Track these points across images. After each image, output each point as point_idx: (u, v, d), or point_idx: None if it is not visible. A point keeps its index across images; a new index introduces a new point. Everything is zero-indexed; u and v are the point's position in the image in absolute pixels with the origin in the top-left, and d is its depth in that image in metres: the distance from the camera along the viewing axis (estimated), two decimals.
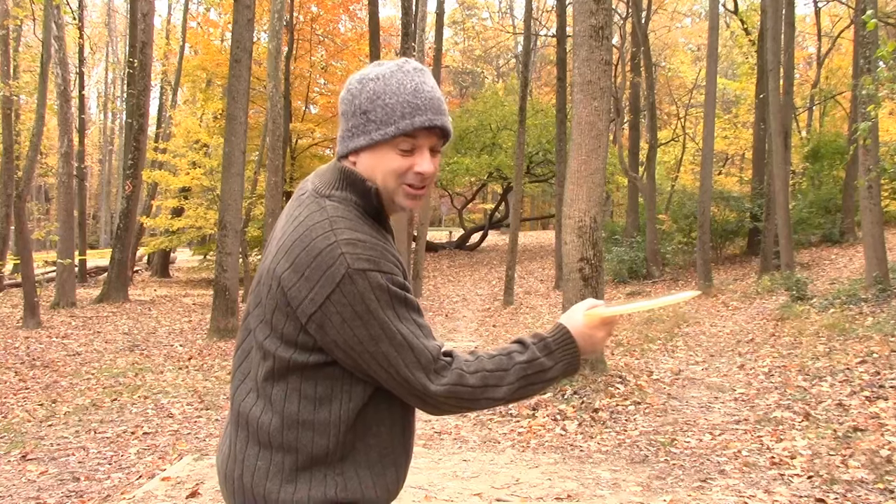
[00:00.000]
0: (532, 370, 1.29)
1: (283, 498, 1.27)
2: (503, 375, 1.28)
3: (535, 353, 1.30)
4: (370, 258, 1.22)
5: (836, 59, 23.45)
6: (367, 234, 1.26)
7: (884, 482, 3.73)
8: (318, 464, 1.27)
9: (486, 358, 1.30)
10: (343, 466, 1.28)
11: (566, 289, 6.40)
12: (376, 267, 1.22)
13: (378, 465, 1.31)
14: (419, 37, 15.83)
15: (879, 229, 9.38)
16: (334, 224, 1.25)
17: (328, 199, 1.31)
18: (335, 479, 1.28)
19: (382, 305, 1.22)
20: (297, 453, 1.27)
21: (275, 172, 13.41)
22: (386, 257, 1.24)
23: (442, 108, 1.32)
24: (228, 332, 10.75)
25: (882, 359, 6.23)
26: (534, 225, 34.67)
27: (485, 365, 1.28)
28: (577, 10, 6.43)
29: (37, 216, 33.06)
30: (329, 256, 1.21)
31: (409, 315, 1.25)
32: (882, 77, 7.48)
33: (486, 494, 3.87)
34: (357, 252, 1.21)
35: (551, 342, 1.32)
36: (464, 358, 1.29)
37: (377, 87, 1.29)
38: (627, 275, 15.62)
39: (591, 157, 6.25)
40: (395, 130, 1.27)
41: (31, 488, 4.40)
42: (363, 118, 1.30)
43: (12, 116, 14.00)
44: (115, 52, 38.62)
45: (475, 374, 1.27)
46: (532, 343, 1.32)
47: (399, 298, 1.24)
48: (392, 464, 1.34)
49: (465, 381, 1.26)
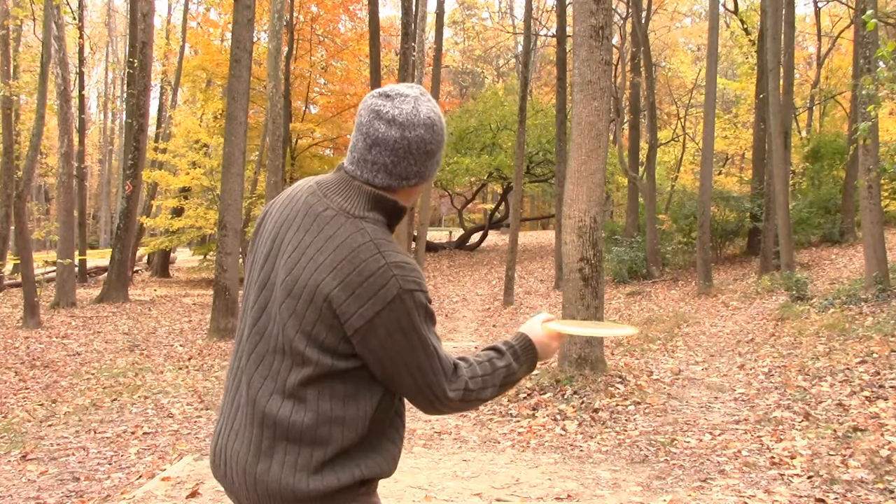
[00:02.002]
0: (509, 373, 1.53)
1: (313, 486, 1.39)
2: (489, 379, 1.50)
3: (510, 360, 1.54)
4: (416, 280, 1.38)
5: (836, 59, 23.46)
6: (405, 254, 1.43)
7: (884, 482, 3.73)
8: (345, 453, 1.42)
9: (476, 364, 1.51)
10: (365, 451, 1.45)
11: (566, 289, 6.40)
12: (420, 288, 1.39)
13: (388, 444, 1.49)
14: (419, 37, 15.83)
15: (879, 229, 9.38)
16: (380, 247, 1.38)
17: (363, 220, 1.41)
18: (359, 462, 1.44)
19: (423, 321, 1.39)
20: (328, 446, 1.40)
21: (275, 172, 13.40)
22: (422, 276, 1.42)
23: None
24: (228, 332, 10.75)
25: (882, 359, 6.23)
26: (534, 225, 34.66)
27: (477, 371, 1.49)
28: (577, 10, 6.43)
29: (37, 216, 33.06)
30: (382, 278, 1.35)
31: (433, 328, 1.44)
32: (882, 77, 7.47)
33: (486, 494, 3.87)
34: (405, 274, 1.36)
35: (519, 349, 1.56)
36: (464, 365, 1.49)
37: (443, 133, 1.48)
38: (627, 275, 15.62)
39: (591, 157, 6.25)
40: (436, 170, 1.52)
41: (31, 488, 4.40)
42: (431, 161, 1.46)
43: (12, 116, 14.02)
44: (115, 52, 38.60)
45: (474, 380, 1.48)
46: (506, 350, 1.55)
47: (430, 314, 1.42)
48: (393, 441, 1.51)
49: (468, 386, 1.47)
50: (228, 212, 10.88)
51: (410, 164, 1.43)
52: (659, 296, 13.76)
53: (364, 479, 1.45)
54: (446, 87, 35.37)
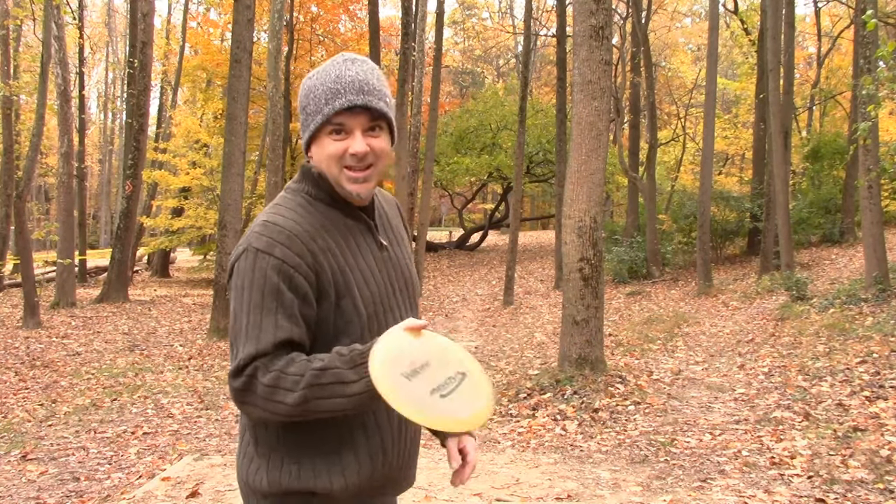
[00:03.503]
0: (327, 379, 1.21)
1: (254, 481, 1.35)
2: (297, 381, 1.21)
3: (335, 363, 1.23)
4: (269, 241, 1.27)
5: (836, 59, 23.45)
6: (292, 218, 1.32)
7: (884, 482, 3.72)
8: (273, 449, 1.33)
9: (298, 362, 1.25)
10: (299, 454, 1.31)
11: (566, 289, 6.40)
12: (268, 250, 1.27)
13: (335, 455, 1.31)
14: (419, 37, 15.84)
15: (879, 229, 9.38)
16: (269, 210, 1.36)
17: (285, 191, 1.42)
18: (290, 466, 1.31)
19: (253, 286, 1.26)
20: (257, 437, 1.35)
21: (275, 172, 13.39)
22: (290, 243, 1.28)
23: (365, 88, 1.33)
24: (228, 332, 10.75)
25: (882, 359, 6.23)
26: (534, 225, 34.64)
27: (286, 368, 1.23)
28: (577, 10, 6.43)
29: (37, 216, 33.05)
30: (247, 235, 1.32)
31: (270, 305, 1.25)
32: (882, 77, 7.47)
33: (486, 494, 3.87)
34: (262, 233, 1.29)
35: (357, 356, 1.23)
36: (283, 359, 1.25)
37: (309, 84, 1.37)
38: (627, 275, 15.62)
39: (591, 157, 6.25)
40: (321, 118, 1.33)
41: (31, 488, 4.40)
42: (304, 114, 1.38)
43: (12, 116, 14.00)
44: (115, 52, 38.58)
45: (271, 373, 1.22)
46: (339, 353, 1.25)
47: (271, 286, 1.25)
48: (355, 448, 1.32)
49: (259, 377, 1.23)
50: (228, 212, 10.88)
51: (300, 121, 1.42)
52: (659, 296, 13.76)
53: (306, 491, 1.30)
54: (446, 87, 35.36)
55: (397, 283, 1.45)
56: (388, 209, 1.57)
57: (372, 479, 1.35)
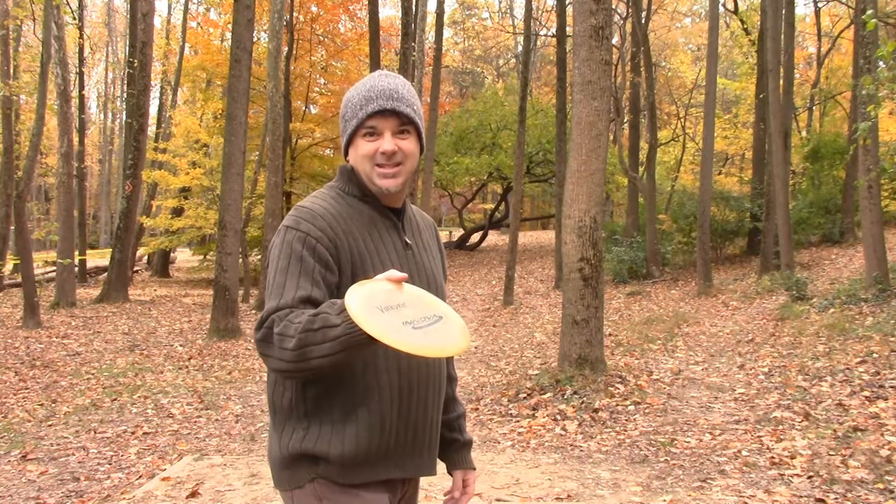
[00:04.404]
0: (317, 324, 1.29)
1: (272, 448, 1.52)
2: (297, 327, 1.31)
3: (325, 309, 1.31)
4: (297, 219, 1.46)
5: (836, 59, 23.45)
6: (321, 205, 1.51)
7: (884, 482, 3.72)
8: (289, 418, 1.48)
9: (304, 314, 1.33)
10: (308, 421, 1.46)
11: (566, 289, 6.40)
12: (295, 225, 1.45)
13: (340, 423, 1.44)
14: (419, 37, 15.83)
15: (879, 229, 9.38)
16: (304, 200, 1.54)
17: (325, 188, 1.60)
18: (298, 432, 1.46)
19: (281, 255, 1.44)
20: (275, 408, 1.51)
21: (275, 172, 13.40)
22: (314, 220, 1.46)
23: (395, 96, 1.52)
24: (228, 332, 10.75)
25: (882, 359, 6.23)
26: (534, 225, 34.64)
27: (294, 318, 1.33)
28: (577, 10, 6.43)
29: (37, 216, 33.04)
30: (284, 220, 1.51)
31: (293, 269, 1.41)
32: (882, 77, 7.47)
33: (486, 494, 3.87)
34: (293, 214, 1.48)
35: (341, 303, 1.30)
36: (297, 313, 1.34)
37: (348, 95, 1.57)
38: (627, 275, 15.62)
39: (591, 157, 6.25)
40: (356, 122, 1.53)
41: (31, 488, 4.40)
42: (343, 122, 1.58)
43: (12, 116, 13.99)
44: (115, 52, 38.55)
45: (283, 323, 1.33)
46: (332, 302, 1.33)
47: (295, 254, 1.43)
48: (357, 421, 1.44)
49: (274, 328, 1.34)
50: (228, 212, 10.88)
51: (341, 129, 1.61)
52: (659, 296, 13.76)
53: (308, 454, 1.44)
54: (446, 87, 35.37)
55: (419, 282, 1.54)
56: (422, 225, 1.71)
57: (368, 452, 1.45)
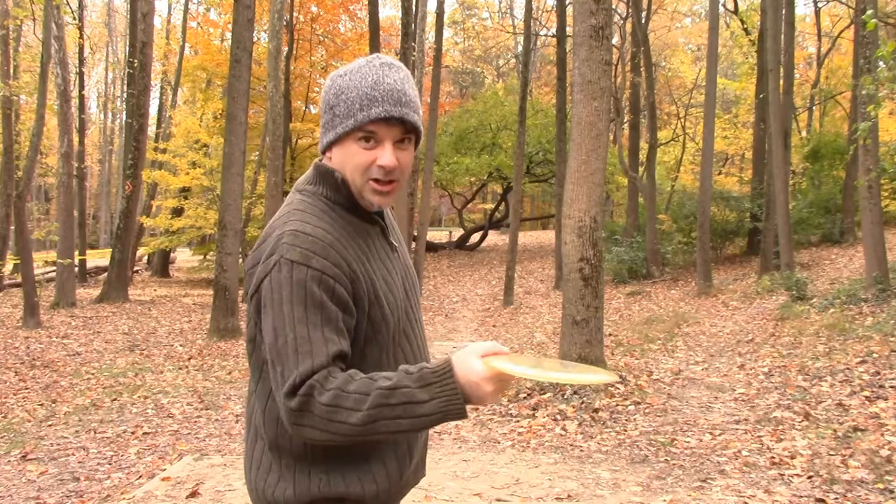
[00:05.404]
0: (396, 399, 1.15)
1: (276, 494, 1.31)
2: (361, 399, 1.15)
3: (403, 381, 1.17)
4: (304, 252, 1.22)
5: (836, 59, 23.44)
6: (321, 227, 1.27)
7: (884, 482, 3.72)
8: (301, 461, 1.30)
9: (358, 379, 1.19)
10: (327, 465, 1.29)
11: (566, 289, 6.40)
12: (305, 261, 1.21)
13: (363, 462, 1.30)
14: (419, 37, 15.83)
15: (879, 229, 9.38)
16: (291, 216, 1.28)
17: (300, 193, 1.35)
18: (319, 476, 1.29)
19: (293, 300, 1.20)
20: (281, 450, 1.31)
21: (275, 172, 13.40)
22: (326, 254, 1.23)
23: (403, 99, 1.29)
24: (228, 332, 10.75)
25: (882, 359, 6.23)
26: (534, 225, 34.64)
27: (346, 385, 1.17)
28: (577, 10, 6.43)
29: (37, 216, 33.03)
30: (274, 245, 1.24)
31: (314, 319, 1.20)
32: (882, 77, 7.48)
33: (486, 494, 3.87)
34: (295, 243, 1.23)
35: (429, 374, 1.18)
36: (339, 376, 1.19)
37: (342, 83, 1.31)
38: (627, 275, 15.63)
39: (591, 157, 6.25)
40: (353, 123, 1.28)
41: (31, 488, 4.40)
42: (331, 114, 1.32)
43: (12, 116, 13.98)
44: (115, 52, 38.55)
45: (329, 392, 1.16)
46: (406, 371, 1.20)
47: (314, 299, 1.20)
48: (379, 459, 1.32)
49: (317, 396, 1.17)
50: (228, 212, 10.88)
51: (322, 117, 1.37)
52: (659, 296, 13.76)
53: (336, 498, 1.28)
54: (446, 87, 35.36)
55: (407, 283, 1.45)
56: (392, 217, 1.57)
57: (400, 483, 1.36)
